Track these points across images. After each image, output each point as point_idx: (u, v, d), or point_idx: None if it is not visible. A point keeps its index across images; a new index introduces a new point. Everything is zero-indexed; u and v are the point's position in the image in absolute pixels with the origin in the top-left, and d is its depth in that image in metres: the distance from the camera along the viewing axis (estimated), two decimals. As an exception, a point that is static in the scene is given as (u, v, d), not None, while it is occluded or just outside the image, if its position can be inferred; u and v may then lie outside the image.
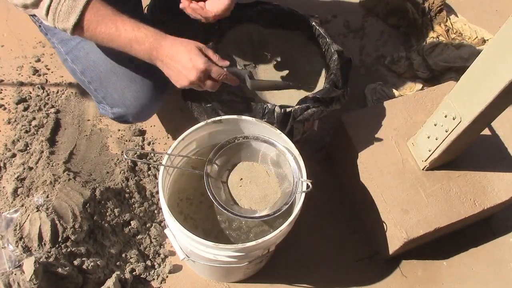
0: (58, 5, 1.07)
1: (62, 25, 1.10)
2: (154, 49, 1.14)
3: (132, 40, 1.13)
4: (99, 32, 1.12)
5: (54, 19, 1.10)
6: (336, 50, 1.44)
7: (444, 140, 1.36)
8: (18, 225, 1.32)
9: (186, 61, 1.13)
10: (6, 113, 1.69)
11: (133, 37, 1.12)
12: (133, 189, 1.55)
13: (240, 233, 1.37)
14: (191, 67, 1.13)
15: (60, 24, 1.10)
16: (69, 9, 1.08)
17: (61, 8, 1.08)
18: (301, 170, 1.21)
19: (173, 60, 1.14)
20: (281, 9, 1.50)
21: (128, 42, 1.13)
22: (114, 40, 1.13)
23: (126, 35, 1.12)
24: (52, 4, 1.07)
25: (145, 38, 1.13)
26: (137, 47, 1.14)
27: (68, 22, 1.09)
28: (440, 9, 2.13)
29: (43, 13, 1.09)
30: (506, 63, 1.08)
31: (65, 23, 1.10)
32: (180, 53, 1.14)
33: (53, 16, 1.09)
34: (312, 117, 1.34)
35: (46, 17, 1.10)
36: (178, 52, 1.14)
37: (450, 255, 1.66)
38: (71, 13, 1.08)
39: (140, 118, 1.44)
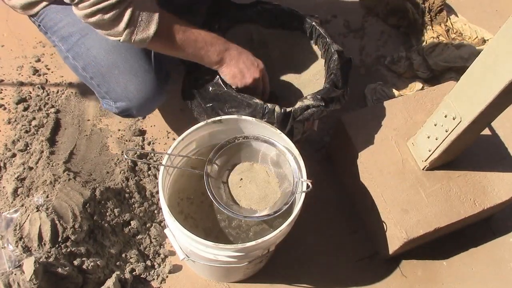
0: (138, 17, 1.11)
1: (141, 36, 1.13)
2: (225, 50, 1.26)
3: (207, 42, 1.23)
4: (178, 38, 1.19)
5: (134, 31, 1.12)
6: (336, 50, 1.44)
7: (444, 140, 1.36)
8: (18, 225, 1.32)
9: (252, 61, 1.31)
10: (6, 113, 1.69)
11: (208, 40, 1.23)
12: (133, 189, 1.55)
13: (240, 232, 1.37)
14: (256, 66, 1.30)
15: (139, 35, 1.13)
16: (148, 19, 1.12)
17: (141, 19, 1.12)
18: (301, 170, 1.22)
19: (241, 59, 1.29)
20: (281, 9, 1.50)
21: (204, 45, 1.23)
22: (191, 44, 1.22)
23: (202, 38, 1.22)
24: (131, 18, 1.10)
25: (216, 41, 1.25)
26: (211, 48, 1.24)
27: (149, 31, 1.13)
28: (440, 9, 2.13)
29: (120, 28, 1.11)
30: (506, 63, 1.08)
31: (145, 33, 1.13)
32: (245, 55, 1.30)
33: (134, 28, 1.12)
34: (312, 117, 1.34)
35: (123, 31, 1.12)
36: (244, 53, 1.30)
37: (450, 255, 1.66)
38: (150, 22, 1.13)
39: (144, 111, 1.44)
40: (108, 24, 1.11)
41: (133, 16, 1.10)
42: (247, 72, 1.30)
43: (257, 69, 1.31)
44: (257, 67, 1.31)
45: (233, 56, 1.27)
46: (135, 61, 1.33)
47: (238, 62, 1.28)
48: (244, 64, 1.29)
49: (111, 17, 1.09)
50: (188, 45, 1.21)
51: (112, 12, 1.08)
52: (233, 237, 1.36)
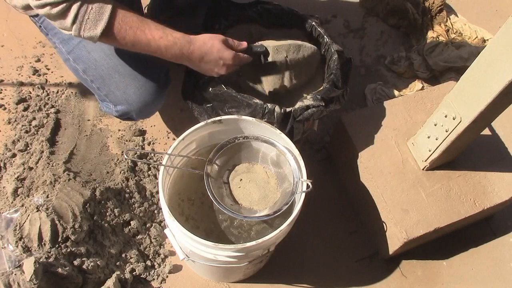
0: (85, 14, 1.09)
1: (89, 33, 1.12)
2: (183, 55, 1.22)
3: (161, 47, 1.19)
4: (128, 39, 1.16)
5: (81, 28, 1.11)
6: (336, 50, 1.44)
7: (444, 140, 1.36)
8: (18, 225, 1.32)
9: (217, 60, 1.26)
10: (6, 113, 1.69)
11: (162, 45, 1.18)
12: (133, 189, 1.55)
13: (242, 231, 1.37)
14: (222, 64, 1.26)
15: (87, 32, 1.11)
16: (97, 16, 1.10)
17: (89, 17, 1.09)
18: (301, 170, 1.22)
19: (205, 61, 1.25)
20: (281, 9, 1.50)
21: (157, 49, 1.19)
22: (142, 47, 1.18)
23: (155, 43, 1.17)
24: (79, 12, 1.08)
25: (173, 46, 1.19)
26: (166, 53, 1.20)
27: (96, 30, 1.11)
28: (440, 9, 2.13)
29: (68, 24, 1.10)
30: (506, 63, 1.08)
31: (92, 31, 1.11)
32: (211, 54, 1.24)
33: (80, 25, 1.10)
34: (312, 117, 1.34)
35: (71, 27, 1.11)
36: (208, 53, 1.24)
37: (450, 255, 1.66)
38: (99, 20, 1.10)
39: (144, 114, 1.44)
40: (56, 18, 1.10)
41: (79, 13, 1.08)
42: (212, 71, 1.29)
43: (222, 68, 1.27)
44: (223, 65, 1.27)
45: (193, 61, 1.25)
46: (135, 65, 1.33)
47: (200, 65, 1.26)
48: (206, 66, 1.27)
49: (58, 11, 1.08)
50: (140, 47, 1.18)
51: (60, 6, 1.07)
52: (235, 237, 1.36)
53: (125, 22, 1.14)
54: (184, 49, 1.21)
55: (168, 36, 1.19)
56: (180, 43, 1.20)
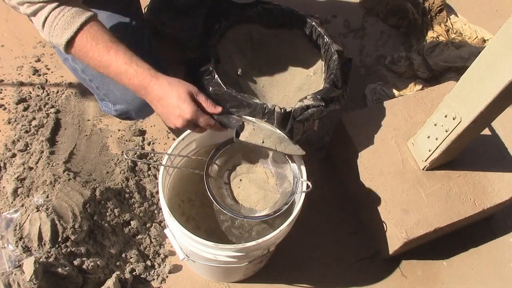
0: (55, 19, 1.06)
1: (56, 40, 1.09)
2: (143, 88, 1.11)
3: (122, 73, 1.10)
4: (90, 56, 1.10)
5: (50, 32, 1.09)
6: (336, 50, 1.44)
7: (444, 140, 1.36)
8: (18, 225, 1.32)
9: (174, 108, 1.10)
10: (6, 113, 1.69)
11: (123, 71, 1.10)
12: (133, 189, 1.55)
13: (243, 231, 1.37)
14: (178, 114, 1.10)
15: (54, 39, 1.09)
16: (65, 25, 1.07)
17: (58, 22, 1.07)
18: (301, 170, 1.22)
19: (161, 103, 1.12)
20: (281, 9, 1.50)
21: (117, 74, 1.11)
22: (102, 68, 1.12)
23: (116, 66, 1.10)
24: (49, 17, 1.06)
25: (135, 75, 1.10)
26: (126, 81, 1.12)
27: (62, 39, 1.08)
28: (440, 9, 2.13)
29: (40, 25, 1.09)
30: (506, 63, 1.08)
31: (58, 38, 1.08)
32: (170, 98, 1.10)
33: (49, 30, 1.08)
34: (312, 117, 1.34)
35: (42, 29, 1.09)
36: (168, 97, 1.10)
37: (450, 255, 1.66)
38: (66, 29, 1.07)
39: (143, 114, 1.44)
40: (31, 16, 1.09)
41: (49, 16, 1.06)
42: (167, 119, 1.14)
43: (178, 118, 1.11)
44: (179, 116, 1.11)
45: (154, 97, 1.12)
46: None
47: (157, 106, 1.13)
48: (163, 109, 1.13)
49: (32, 11, 1.07)
50: (99, 66, 1.12)
51: (35, 6, 1.06)
52: (236, 237, 1.36)
53: (94, 37, 1.08)
54: (144, 82, 1.10)
55: (133, 64, 1.10)
56: (143, 75, 1.10)
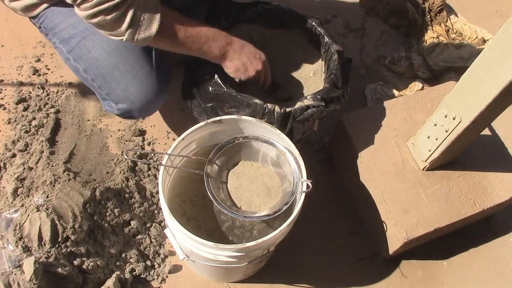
0: (140, 17, 1.12)
1: (144, 35, 1.14)
2: (228, 44, 1.27)
3: (209, 38, 1.24)
4: (180, 35, 1.20)
5: (137, 30, 1.13)
6: (336, 50, 1.44)
7: (444, 140, 1.36)
8: (18, 225, 1.32)
9: (255, 53, 1.32)
10: (6, 113, 1.69)
11: (210, 36, 1.24)
12: (133, 189, 1.55)
13: (244, 231, 1.37)
14: (258, 58, 1.32)
15: (142, 34, 1.14)
16: (150, 17, 1.13)
17: (143, 18, 1.12)
18: (301, 170, 1.21)
19: (243, 52, 1.30)
20: (281, 9, 1.50)
21: (206, 41, 1.24)
22: (193, 40, 1.22)
23: (204, 34, 1.23)
24: (134, 18, 1.11)
25: (218, 36, 1.26)
26: (213, 43, 1.25)
27: (151, 30, 1.14)
28: (440, 9, 2.13)
29: (122, 29, 1.12)
30: (506, 63, 1.08)
31: (148, 31, 1.14)
32: (248, 48, 1.31)
33: (135, 28, 1.12)
34: (312, 117, 1.34)
35: (125, 32, 1.12)
36: (246, 46, 1.31)
37: (450, 255, 1.66)
38: (152, 21, 1.13)
39: (146, 112, 1.45)
40: (110, 25, 1.12)
41: (135, 17, 1.11)
42: (250, 65, 1.31)
43: (260, 61, 1.33)
44: (259, 59, 1.33)
45: (236, 50, 1.29)
46: (136, 63, 1.33)
47: (241, 56, 1.30)
48: (246, 58, 1.31)
49: (113, 18, 1.09)
50: (190, 41, 1.22)
51: (114, 13, 1.09)
52: (238, 237, 1.36)
53: (174, 19, 1.19)
54: (227, 38, 1.27)
55: (211, 28, 1.25)
56: (222, 34, 1.26)
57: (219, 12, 1.48)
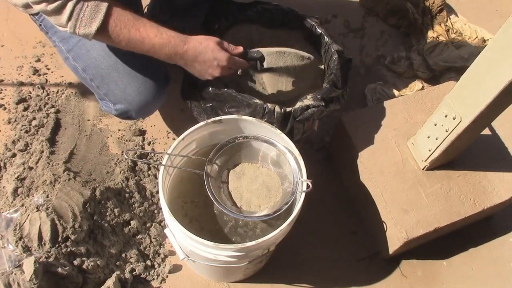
0: (81, 11, 1.09)
1: (84, 31, 1.12)
2: (177, 55, 1.21)
3: (155, 45, 1.18)
4: (122, 37, 1.15)
5: (76, 25, 1.11)
6: (336, 50, 1.44)
7: (444, 140, 1.36)
8: (18, 225, 1.32)
9: (211, 61, 1.23)
10: (6, 113, 1.69)
11: (156, 43, 1.17)
12: (133, 189, 1.55)
13: (247, 229, 1.36)
14: (216, 65, 1.24)
15: (82, 30, 1.12)
16: (92, 14, 1.10)
17: (84, 13, 1.10)
18: (301, 170, 1.22)
19: (198, 61, 1.23)
20: (281, 9, 1.50)
21: (151, 47, 1.18)
22: (136, 45, 1.18)
23: (149, 41, 1.17)
24: (75, 9, 1.09)
25: (167, 44, 1.19)
26: (160, 51, 1.19)
27: (91, 28, 1.11)
28: (440, 9, 2.13)
29: (63, 20, 1.10)
30: (506, 63, 1.08)
31: (87, 28, 1.11)
32: (204, 54, 1.22)
33: (75, 22, 1.10)
34: (312, 117, 1.34)
35: (66, 24, 1.11)
36: (202, 53, 1.22)
37: (450, 255, 1.66)
38: (94, 18, 1.10)
39: (143, 113, 1.44)
40: (51, 14, 1.10)
41: (74, 10, 1.09)
42: (205, 73, 1.26)
43: (217, 69, 1.24)
44: (217, 66, 1.24)
45: (187, 60, 1.23)
46: (135, 64, 1.33)
47: (194, 66, 1.25)
48: (200, 66, 1.25)
49: (54, 8, 1.08)
50: (134, 46, 1.18)
51: (56, 3, 1.07)
52: (241, 236, 1.36)
53: (120, 20, 1.14)
54: (178, 47, 1.20)
55: (163, 34, 1.18)
56: (175, 42, 1.19)
57: (219, 12, 1.48)
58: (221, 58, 1.23)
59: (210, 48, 1.22)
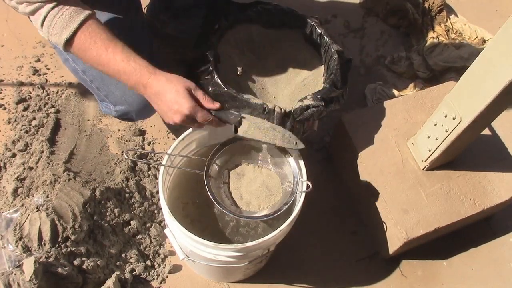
0: (54, 18, 1.07)
1: (55, 39, 1.10)
2: (141, 85, 1.13)
3: (120, 71, 1.12)
4: (89, 55, 1.11)
5: (49, 31, 1.09)
6: (336, 50, 1.44)
7: (444, 140, 1.36)
8: (18, 225, 1.32)
9: (172, 103, 1.12)
10: (6, 113, 1.69)
11: (121, 69, 1.11)
12: (133, 189, 1.55)
13: (249, 229, 1.37)
14: (176, 109, 1.12)
15: (53, 38, 1.10)
16: (64, 24, 1.07)
17: (57, 21, 1.07)
18: (301, 170, 1.21)
19: (159, 99, 1.13)
20: (281, 9, 1.50)
21: (116, 72, 1.13)
22: (101, 66, 1.13)
23: (114, 64, 1.11)
24: (48, 16, 1.07)
25: (133, 72, 1.11)
26: (124, 78, 1.13)
27: (61, 37, 1.09)
28: (440, 9, 2.13)
29: (38, 23, 1.09)
30: (506, 63, 1.08)
31: (57, 37, 1.09)
32: (168, 93, 1.12)
33: (48, 29, 1.09)
34: (312, 117, 1.34)
35: (41, 28, 1.10)
36: (166, 92, 1.12)
37: (450, 255, 1.66)
38: (65, 28, 1.08)
39: (144, 115, 1.44)
40: (30, 15, 1.09)
41: (48, 15, 1.07)
42: (165, 115, 1.16)
43: (177, 115, 1.13)
44: (177, 111, 1.12)
45: (152, 94, 1.14)
46: None
47: (156, 102, 1.15)
48: (162, 105, 1.14)
49: (31, 10, 1.07)
50: (98, 65, 1.13)
51: (34, 5, 1.06)
52: (243, 235, 1.36)
53: (92, 35, 1.09)
54: (143, 78, 1.11)
55: (131, 61, 1.11)
56: (141, 72, 1.11)
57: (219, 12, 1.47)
58: (183, 104, 1.12)
59: (175, 88, 1.12)
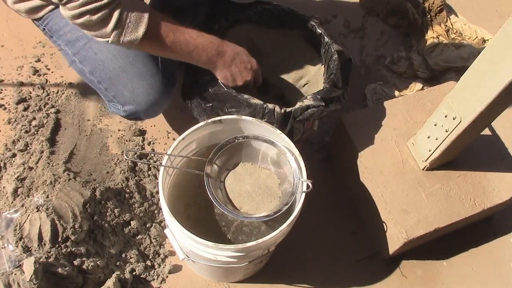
0: (127, 17, 1.10)
1: (130, 37, 1.12)
2: (218, 54, 1.24)
3: (199, 46, 1.21)
4: (169, 40, 1.17)
5: (122, 33, 1.11)
6: (336, 50, 1.44)
7: (444, 140, 1.36)
8: (18, 225, 1.32)
9: (246, 63, 1.30)
10: (6, 113, 1.69)
11: (199, 44, 1.20)
12: (133, 189, 1.55)
13: (253, 228, 1.37)
14: (249, 68, 1.31)
15: (128, 37, 1.11)
16: (137, 19, 1.11)
17: (130, 19, 1.10)
18: (301, 170, 1.21)
19: (237, 60, 1.28)
20: (281, 9, 1.50)
21: (195, 48, 1.21)
22: (181, 48, 1.19)
23: (193, 41, 1.20)
24: (121, 17, 1.09)
25: (210, 43, 1.23)
26: (202, 52, 1.22)
27: (138, 33, 1.12)
28: (440, 9, 2.13)
29: (108, 30, 1.10)
30: (506, 63, 1.08)
31: (133, 34, 1.12)
32: (242, 55, 1.29)
33: (122, 30, 1.10)
34: (312, 117, 1.34)
35: (111, 33, 1.10)
36: (241, 53, 1.29)
37: (450, 255, 1.66)
38: (140, 22, 1.11)
39: (151, 114, 1.45)
40: (96, 25, 1.10)
41: (121, 18, 1.09)
42: (239, 76, 1.30)
43: (250, 72, 1.31)
44: (250, 69, 1.31)
45: (226, 61, 1.27)
46: (142, 65, 1.33)
47: (231, 67, 1.28)
48: (236, 68, 1.29)
49: (99, 18, 1.07)
50: (177, 48, 1.19)
51: (100, 13, 1.06)
52: (247, 234, 1.36)
53: (163, 24, 1.15)
54: (219, 48, 1.24)
55: (204, 35, 1.21)
56: (215, 42, 1.23)
57: (219, 12, 1.48)
58: (254, 62, 1.31)
59: (244, 51, 1.30)
